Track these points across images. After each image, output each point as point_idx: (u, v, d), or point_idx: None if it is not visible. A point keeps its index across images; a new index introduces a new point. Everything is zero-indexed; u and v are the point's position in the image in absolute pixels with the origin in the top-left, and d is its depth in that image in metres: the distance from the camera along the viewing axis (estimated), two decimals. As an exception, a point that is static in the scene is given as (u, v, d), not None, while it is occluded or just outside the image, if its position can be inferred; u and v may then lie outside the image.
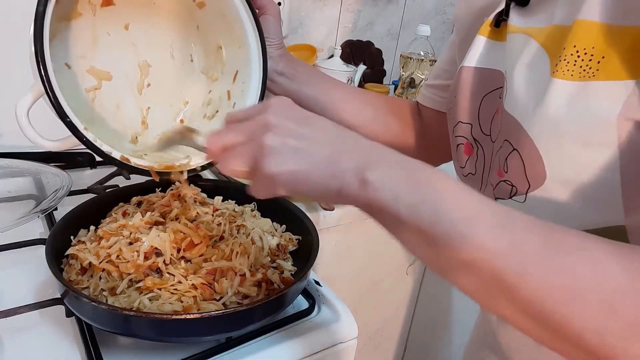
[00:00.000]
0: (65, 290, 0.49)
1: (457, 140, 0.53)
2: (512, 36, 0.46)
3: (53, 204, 0.67)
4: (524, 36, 0.44)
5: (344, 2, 1.32)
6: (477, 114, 0.50)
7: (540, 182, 0.41)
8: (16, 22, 0.86)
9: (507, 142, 0.43)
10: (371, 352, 1.22)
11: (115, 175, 0.85)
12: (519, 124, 0.41)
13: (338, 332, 0.58)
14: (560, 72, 0.38)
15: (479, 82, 0.50)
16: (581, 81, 0.37)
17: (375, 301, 1.13)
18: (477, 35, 0.50)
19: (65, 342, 0.51)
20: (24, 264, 0.61)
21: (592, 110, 0.36)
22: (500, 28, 0.48)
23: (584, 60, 0.37)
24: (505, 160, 0.44)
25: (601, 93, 0.36)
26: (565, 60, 0.38)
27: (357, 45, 1.40)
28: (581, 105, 0.37)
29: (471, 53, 0.51)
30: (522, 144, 0.41)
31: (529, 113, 0.40)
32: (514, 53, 0.44)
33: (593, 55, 0.37)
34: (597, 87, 0.36)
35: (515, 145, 0.42)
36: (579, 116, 0.37)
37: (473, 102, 0.50)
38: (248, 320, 0.50)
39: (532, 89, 0.41)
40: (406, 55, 1.17)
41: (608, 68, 0.36)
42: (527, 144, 0.40)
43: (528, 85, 0.41)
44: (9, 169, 0.78)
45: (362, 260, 1.03)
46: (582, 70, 0.37)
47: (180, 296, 0.50)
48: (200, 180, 0.75)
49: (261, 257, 0.58)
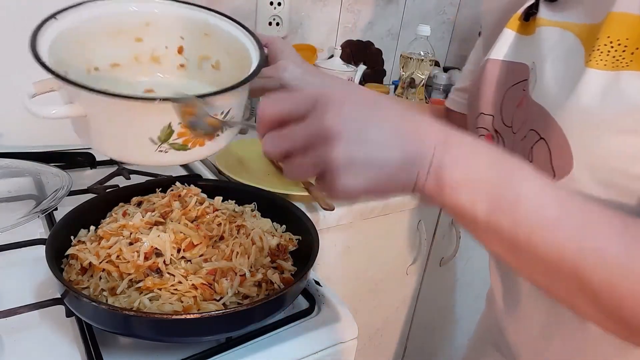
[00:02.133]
0: (65, 290, 0.49)
1: (479, 132, 0.53)
2: (543, 29, 0.46)
3: (53, 204, 0.67)
4: (559, 29, 0.44)
5: (344, 2, 1.32)
6: (500, 106, 0.50)
7: (566, 171, 0.41)
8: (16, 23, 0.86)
9: (533, 132, 0.44)
10: (371, 352, 1.22)
11: (115, 175, 0.85)
12: (548, 113, 0.41)
13: (338, 332, 0.58)
14: (593, 62, 0.39)
15: (505, 75, 0.50)
16: (614, 71, 0.38)
17: (375, 301, 1.13)
18: (504, 28, 0.51)
19: (65, 342, 0.51)
20: (24, 264, 0.61)
21: (626, 98, 0.37)
22: (529, 22, 0.49)
23: (617, 50, 0.38)
24: (530, 149, 0.44)
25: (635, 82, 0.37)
26: (599, 51, 0.39)
27: (357, 45, 1.40)
28: (614, 94, 0.37)
29: (497, 46, 0.51)
30: (551, 133, 0.41)
31: (560, 102, 0.41)
32: (547, 45, 0.45)
33: (627, 46, 0.37)
34: (631, 76, 0.37)
35: (542, 135, 0.42)
36: (611, 104, 0.38)
37: (497, 94, 0.51)
38: (248, 320, 0.50)
39: (565, 79, 0.41)
40: (406, 55, 1.17)
41: None
42: (556, 132, 0.41)
43: (560, 76, 0.42)
44: (9, 169, 0.78)
45: (362, 260, 1.03)
46: (616, 60, 0.38)
47: (180, 296, 0.50)
48: (200, 180, 0.75)
49: (261, 257, 0.58)
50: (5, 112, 0.89)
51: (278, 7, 1.17)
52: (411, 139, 0.34)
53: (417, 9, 1.50)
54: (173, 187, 0.68)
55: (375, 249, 1.04)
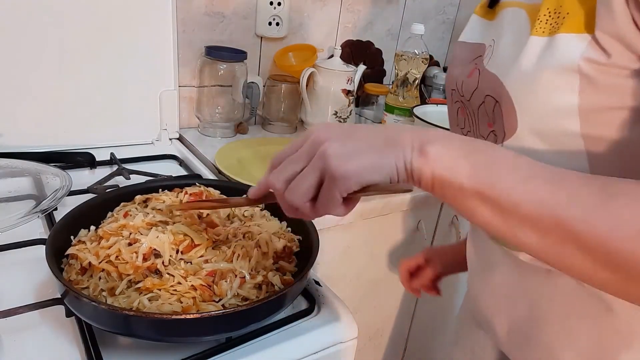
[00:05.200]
0: (65, 290, 0.49)
1: (456, 106, 0.58)
2: (505, 11, 0.51)
3: (53, 204, 0.67)
4: (514, 8, 0.49)
5: (344, 2, 1.32)
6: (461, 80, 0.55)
7: (513, 130, 0.45)
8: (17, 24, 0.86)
9: (489, 97, 0.48)
10: (371, 352, 1.22)
11: (115, 175, 0.85)
12: (499, 79, 0.46)
13: (338, 332, 0.58)
14: (535, 30, 0.44)
15: (467, 54, 0.56)
16: (550, 36, 0.42)
17: (375, 301, 1.13)
18: (472, 14, 0.58)
19: (65, 342, 0.51)
20: (24, 264, 0.61)
21: (556, 57, 0.41)
22: (494, 9, 0.54)
23: (553, 17, 0.43)
24: (492, 112, 0.49)
25: (564, 43, 0.41)
26: (539, 20, 0.43)
27: (357, 45, 1.40)
28: (547, 55, 0.42)
29: (465, 30, 0.58)
30: (502, 97, 0.46)
31: (507, 68, 0.46)
32: (505, 23, 0.50)
33: (559, 12, 0.42)
34: (561, 39, 0.41)
35: (497, 98, 0.47)
36: (545, 65, 0.42)
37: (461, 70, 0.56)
38: (248, 320, 0.50)
39: (514, 49, 0.46)
40: (400, 53, 1.17)
41: (571, 22, 0.41)
42: (504, 96, 0.45)
43: (511, 47, 0.47)
44: (9, 169, 0.78)
45: (362, 260, 1.03)
46: (551, 26, 0.43)
47: (179, 297, 0.50)
48: (200, 180, 0.75)
49: (264, 260, 0.58)
50: (5, 112, 0.89)
51: (278, 7, 1.17)
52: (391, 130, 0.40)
53: (417, 9, 1.50)
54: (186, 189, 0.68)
55: (375, 249, 1.04)
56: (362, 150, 0.38)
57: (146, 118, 1.05)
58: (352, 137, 0.39)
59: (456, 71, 0.56)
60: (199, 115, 1.14)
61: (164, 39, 1.01)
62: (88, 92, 0.95)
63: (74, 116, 0.95)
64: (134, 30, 0.97)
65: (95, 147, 0.95)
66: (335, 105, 1.21)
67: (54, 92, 0.92)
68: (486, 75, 0.49)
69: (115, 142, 1.00)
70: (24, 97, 0.90)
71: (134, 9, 0.95)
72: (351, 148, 0.38)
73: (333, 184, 0.38)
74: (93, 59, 0.94)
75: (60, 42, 0.90)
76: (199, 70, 1.11)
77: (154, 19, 0.98)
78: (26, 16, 0.86)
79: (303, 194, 0.39)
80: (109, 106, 0.98)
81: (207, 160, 1.00)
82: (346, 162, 0.37)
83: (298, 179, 0.40)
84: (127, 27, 0.96)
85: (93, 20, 0.92)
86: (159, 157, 0.99)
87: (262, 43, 1.22)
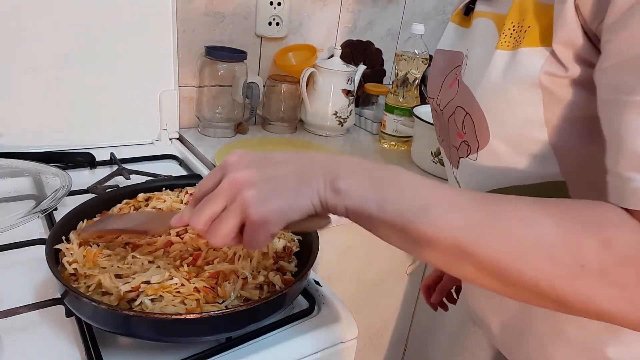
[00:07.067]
0: (65, 291, 0.49)
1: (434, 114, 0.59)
2: (477, 20, 0.52)
3: (53, 204, 0.67)
4: (486, 20, 0.50)
5: (344, 2, 1.32)
6: (439, 90, 0.56)
7: (486, 141, 0.47)
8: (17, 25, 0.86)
9: (460, 108, 0.50)
10: (371, 352, 1.22)
11: (115, 175, 0.85)
12: (470, 91, 0.48)
13: (338, 332, 0.58)
14: (500, 44, 0.45)
15: (446, 62, 0.56)
16: (513, 50, 0.44)
17: (375, 301, 1.13)
18: (449, 22, 0.58)
19: (65, 342, 0.51)
20: (24, 264, 0.61)
21: (520, 71, 0.43)
22: (469, 16, 0.55)
23: (516, 31, 0.44)
24: (462, 123, 0.50)
25: (526, 57, 0.43)
26: (504, 34, 0.45)
27: (357, 45, 1.40)
28: (511, 70, 0.44)
29: (442, 37, 0.59)
30: (473, 108, 0.48)
31: (477, 80, 0.47)
32: (477, 34, 0.51)
33: (522, 26, 0.44)
34: (523, 53, 0.43)
35: (467, 110, 0.49)
36: (510, 79, 0.44)
37: (438, 79, 0.57)
38: (248, 320, 0.50)
39: (483, 62, 0.47)
40: (400, 53, 1.17)
41: (531, 36, 0.43)
42: (475, 107, 0.47)
43: (480, 60, 0.48)
44: (9, 169, 0.78)
45: (362, 260, 1.03)
46: (514, 40, 0.44)
47: (183, 299, 0.49)
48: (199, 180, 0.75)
49: (264, 260, 0.58)
50: (5, 112, 0.89)
51: (278, 7, 1.17)
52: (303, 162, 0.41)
53: (417, 9, 1.50)
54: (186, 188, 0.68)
55: (375, 249, 1.04)
56: (278, 191, 0.39)
57: (146, 118, 1.05)
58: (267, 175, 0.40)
59: (436, 80, 0.57)
60: (199, 115, 1.14)
61: (164, 39, 1.01)
62: (88, 92, 0.95)
63: (74, 116, 0.95)
64: (134, 30, 0.97)
65: (95, 147, 0.95)
66: (335, 105, 1.21)
67: (54, 92, 0.92)
68: (462, 87, 0.50)
69: (115, 142, 1.00)
70: (24, 97, 0.90)
71: (135, 9, 0.95)
72: (268, 190, 0.39)
73: (255, 229, 0.40)
74: (93, 59, 0.94)
75: (61, 42, 0.90)
76: (199, 70, 1.11)
77: (154, 19, 0.98)
78: (26, 16, 0.86)
79: (224, 236, 0.41)
80: (109, 106, 0.98)
81: (207, 160, 1.00)
82: (264, 206, 0.39)
83: (218, 222, 0.40)
84: (128, 27, 0.96)
85: (93, 20, 0.92)
86: (159, 157, 0.99)
87: (262, 43, 1.22)
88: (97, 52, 0.94)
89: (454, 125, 0.52)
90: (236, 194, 0.39)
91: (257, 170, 0.40)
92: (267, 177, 0.40)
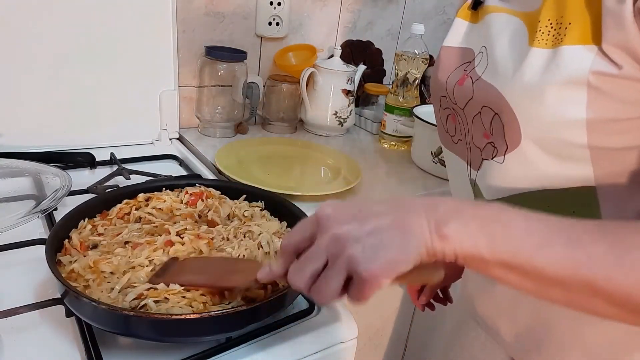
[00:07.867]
0: (65, 291, 0.49)
1: (445, 112, 0.57)
2: (492, 15, 0.50)
3: (53, 204, 0.67)
4: (506, 14, 0.48)
5: (344, 2, 1.32)
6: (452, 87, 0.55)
7: (516, 143, 0.45)
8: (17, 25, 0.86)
9: (487, 108, 0.48)
10: (371, 352, 1.22)
11: (115, 175, 0.85)
12: (498, 90, 0.46)
13: (338, 332, 0.58)
14: (536, 42, 0.43)
15: (454, 59, 0.55)
16: (553, 48, 0.42)
17: (375, 301, 1.13)
18: (456, 18, 0.56)
19: (65, 342, 0.51)
20: (24, 264, 0.61)
21: (563, 70, 0.41)
22: (477, 11, 0.53)
23: (555, 29, 0.42)
24: (490, 123, 0.48)
25: (570, 55, 0.40)
26: (540, 31, 0.43)
27: (357, 45, 1.40)
28: (552, 68, 0.41)
29: (450, 34, 0.57)
30: (502, 109, 0.45)
31: (507, 80, 0.45)
32: (495, 29, 0.49)
33: (561, 23, 0.41)
34: (566, 51, 0.41)
35: (496, 110, 0.46)
36: (550, 78, 0.41)
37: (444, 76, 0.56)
38: (248, 320, 0.50)
39: (512, 59, 0.45)
40: (400, 53, 1.17)
41: (574, 33, 0.40)
42: (506, 108, 0.45)
43: (508, 57, 0.46)
44: (9, 169, 0.78)
45: (362, 260, 1.03)
46: (554, 38, 0.42)
47: (190, 302, 0.49)
48: (200, 180, 0.75)
49: (266, 260, 0.57)
50: (5, 112, 0.89)
51: (278, 7, 1.17)
52: (401, 212, 0.38)
53: (417, 9, 1.50)
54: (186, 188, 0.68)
55: (375, 249, 1.04)
56: (384, 245, 0.37)
57: (146, 118, 1.05)
58: (369, 228, 0.37)
59: (445, 77, 0.55)
60: (199, 115, 1.14)
61: (164, 39, 1.01)
62: (88, 92, 0.95)
63: (74, 116, 0.95)
64: (134, 30, 0.97)
65: (95, 147, 0.95)
66: (335, 105, 1.21)
67: (54, 92, 0.92)
68: (482, 85, 0.48)
69: (115, 142, 1.00)
70: (24, 97, 0.90)
71: (135, 9, 0.95)
72: (373, 245, 0.37)
73: (364, 285, 0.37)
74: (93, 59, 0.94)
75: (60, 42, 0.90)
76: (199, 70, 1.11)
77: (154, 19, 0.98)
78: (26, 16, 0.86)
79: (331, 295, 0.39)
80: (109, 106, 0.98)
81: (207, 160, 1.00)
82: (373, 262, 0.36)
83: (324, 280, 0.38)
84: (128, 27, 0.96)
85: (93, 20, 0.92)
86: (159, 157, 0.99)
87: (262, 43, 1.22)
88: (97, 52, 0.94)
89: (481, 125, 0.49)
90: (341, 251, 0.37)
91: (358, 224, 0.38)
92: (370, 231, 0.37)
